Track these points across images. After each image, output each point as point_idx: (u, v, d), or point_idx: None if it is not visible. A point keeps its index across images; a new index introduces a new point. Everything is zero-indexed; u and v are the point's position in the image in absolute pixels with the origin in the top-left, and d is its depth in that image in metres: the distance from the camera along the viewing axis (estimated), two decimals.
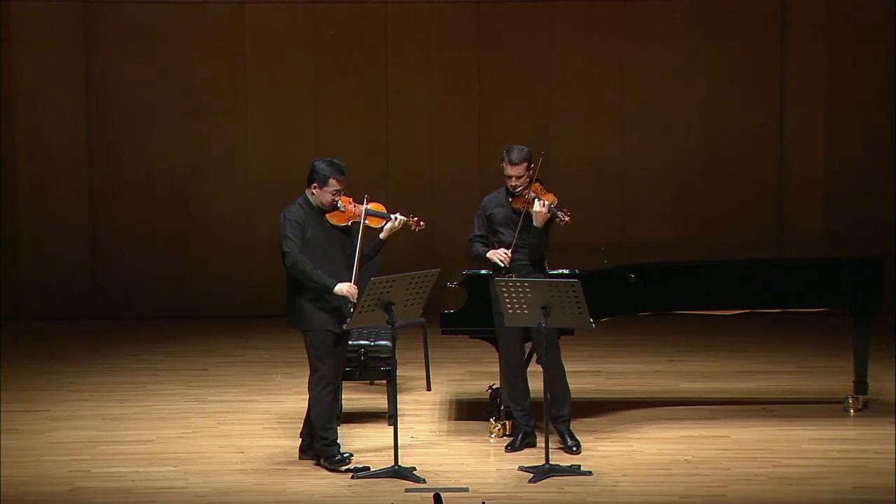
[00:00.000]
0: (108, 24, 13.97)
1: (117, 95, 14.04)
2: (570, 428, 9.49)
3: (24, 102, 13.98)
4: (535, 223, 9.25)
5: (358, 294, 8.87)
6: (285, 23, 14.07)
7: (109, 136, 14.09)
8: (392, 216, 9.09)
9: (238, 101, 14.11)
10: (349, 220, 9.06)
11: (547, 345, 9.10)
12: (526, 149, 9.32)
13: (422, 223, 9.17)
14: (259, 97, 14.13)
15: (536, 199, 9.24)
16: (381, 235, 9.11)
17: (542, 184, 9.36)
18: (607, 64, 14.18)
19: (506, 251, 9.27)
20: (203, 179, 14.15)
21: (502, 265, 9.27)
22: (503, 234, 9.36)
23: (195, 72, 14.07)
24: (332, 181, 9.00)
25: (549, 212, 9.22)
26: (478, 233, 9.48)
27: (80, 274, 14.15)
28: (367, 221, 9.05)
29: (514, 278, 9.06)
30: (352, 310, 8.91)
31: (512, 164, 9.28)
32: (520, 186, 9.29)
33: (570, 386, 9.56)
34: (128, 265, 14.15)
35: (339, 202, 9.04)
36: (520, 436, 9.43)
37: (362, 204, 9.07)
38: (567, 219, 9.20)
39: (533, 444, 9.46)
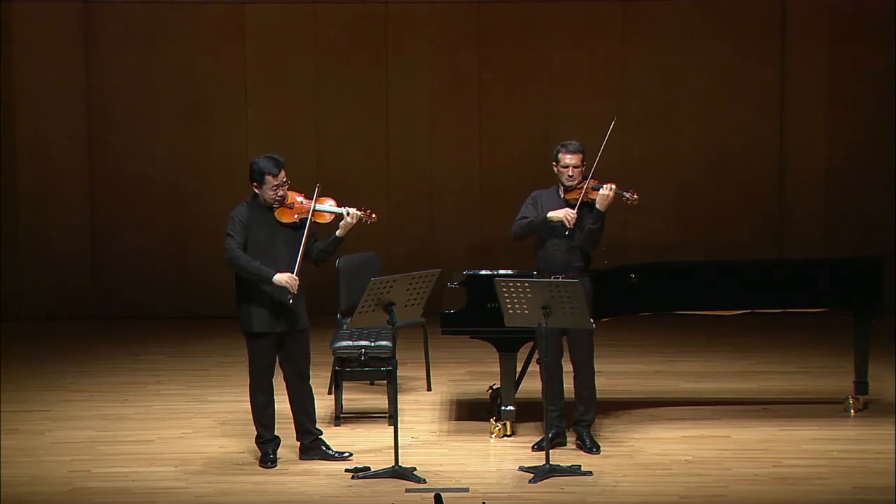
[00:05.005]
0: (108, 24, 13.98)
1: (117, 95, 14.05)
2: (591, 431, 9.49)
3: (24, 102, 13.98)
4: (598, 206, 9.25)
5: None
6: (285, 23, 14.07)
7: (109, 136, 14.09)
8: (344, 211, 8.94)
9: (238, 101, 14.11)
10: (297, 217, 8.94)
11: (582, 347, 9.35)
12: (579, 143, 9.43)
13: (374, 215, 8.99)
14: (259, 97, 14.13)
15: (601, 186, 9.25)
16: (338, 232, 8.96)
17: (595, 180, 9.37)
18: (607, 64, 14.18)
19: (571, 210, 9.26)
20: (203, 179, 14.14)
21: (568, 225, 9.23)
22: (557, 229, 9.32)
23: (195, 72, 14.07)
24: (268, 178, 8.93)
25: (614, 193, 9.23)
26: (525, 215, 9.44)
27: (80, 274, 14.14)
28: (315, 218, 8.90)
29: (560, 279, 9.01)
30: (290, 301, 8.80)
31: (570, 152, 9.34)
32: (575, 179, 9.32)
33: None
34: (128, 265, 14.15)
35: (287, 198, 8.95)
36: (550, 435, 9.21)
37: (313, 198, 8.93)
38: (635, 197, 9.26)
39: (563, 444, 9.47)
